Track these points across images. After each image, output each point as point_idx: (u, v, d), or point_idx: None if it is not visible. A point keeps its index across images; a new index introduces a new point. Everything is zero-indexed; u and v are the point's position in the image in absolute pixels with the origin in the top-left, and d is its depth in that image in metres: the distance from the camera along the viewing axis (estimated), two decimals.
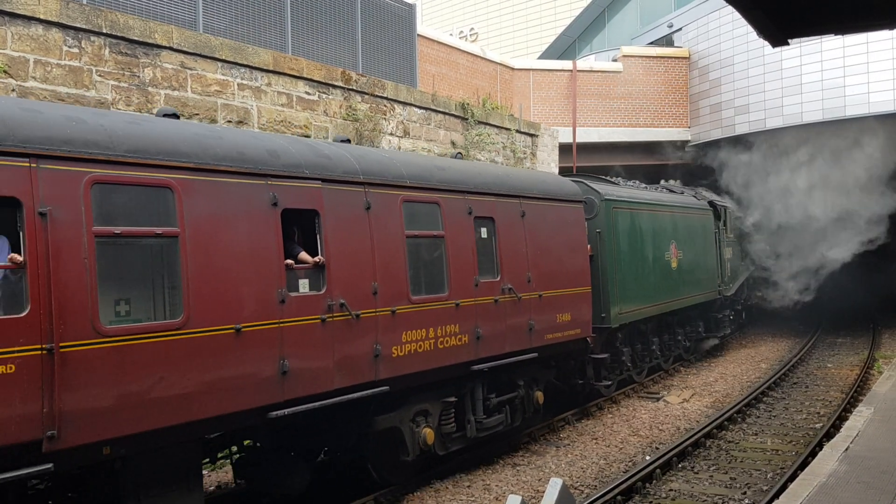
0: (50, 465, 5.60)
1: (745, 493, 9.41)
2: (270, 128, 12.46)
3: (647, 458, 10.87)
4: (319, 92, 13.52)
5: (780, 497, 7.81)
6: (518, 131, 19.77)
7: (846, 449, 9.10)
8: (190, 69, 11.29)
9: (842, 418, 12.35)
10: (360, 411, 8.53)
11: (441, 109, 16.75)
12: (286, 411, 7.26)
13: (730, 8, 9.69)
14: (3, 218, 5.71)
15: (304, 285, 7.60)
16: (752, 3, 6.41)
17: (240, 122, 11.96)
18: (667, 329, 18.03)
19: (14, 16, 9.21)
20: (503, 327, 10.30)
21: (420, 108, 16.09)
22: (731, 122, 24.84)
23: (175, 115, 7.57)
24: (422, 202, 9.21)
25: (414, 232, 8.97)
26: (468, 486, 9.70)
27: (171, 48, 10.97)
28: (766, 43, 7.63)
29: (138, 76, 10.61)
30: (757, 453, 11.23)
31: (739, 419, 13.28)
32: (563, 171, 21.81)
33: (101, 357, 5.88)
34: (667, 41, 28.73)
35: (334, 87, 13.83)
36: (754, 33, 7.32)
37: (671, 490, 9.63)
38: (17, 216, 5.59)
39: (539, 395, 11.49)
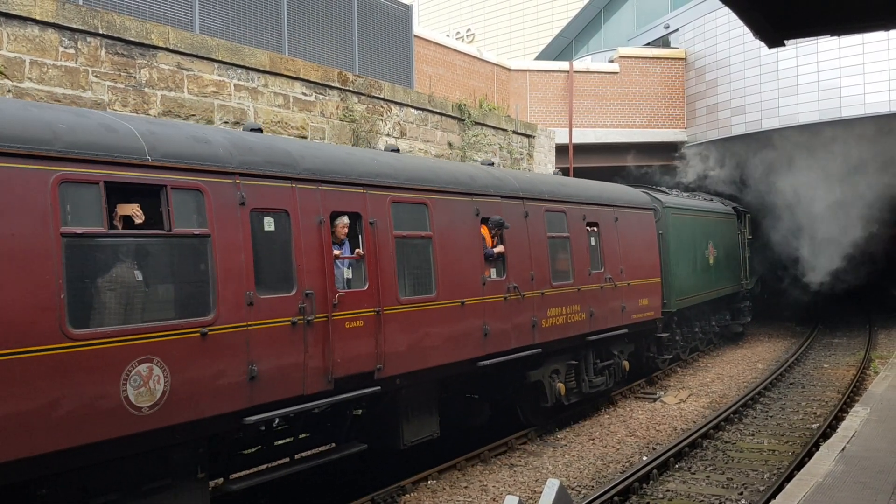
0: (378, 388, 8.33)
1: (741, 493, 9.41)
2: (267, 129, 12.44)
3: (644, 458, 10.86)
4: (316, 93, 13.52)
5: (777, 497, 7.82)
6: (515, 132, 19.77)
7: (843, 449, 9.11)
8: (186, 70, 11.28)
9: (838, 418, 12.36)
10: (519, 367, 11.20)
11: (438, 110, 16.75)
12: (487, 362, 10.13)
13: (726, 9, 9.73)
14: (351, 225, 8.32)
15: (493, 273, 10.50)
16: (749, 3, 6.41)
17: (236, 124, 11.95)
18: (704, 315, 20.95)
19: (10, 16, 9.19)
20: (606, 308, 13.23)
21: (417, 108, 16.09)
22: (728, 122, 24.88)
23: (397, 150, 10.49)
24: (555, 211, 12.07)
25: (552, 234, 11.81)
26: (465, 487, 9.70)
27: (167, 49, 10.95)
28: (763, 44, 7.64)
29: (135, 77, 10.59)
30: (754, 454, 11.24)
31: (736, 419, 13.29)
32: (560, 172, 21.81)
33: (399, 318, 8.66)
34: (663, 42, 28.74)
35: (331, 87, 13.82)
36: (750, 34, 7.33)
37: (668, 490, 9.64)
38: (357, 225, 8.35)
39: (626, 364, 14.37)
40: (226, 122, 11.80)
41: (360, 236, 8.34)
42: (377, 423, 9.38)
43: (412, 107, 15.93)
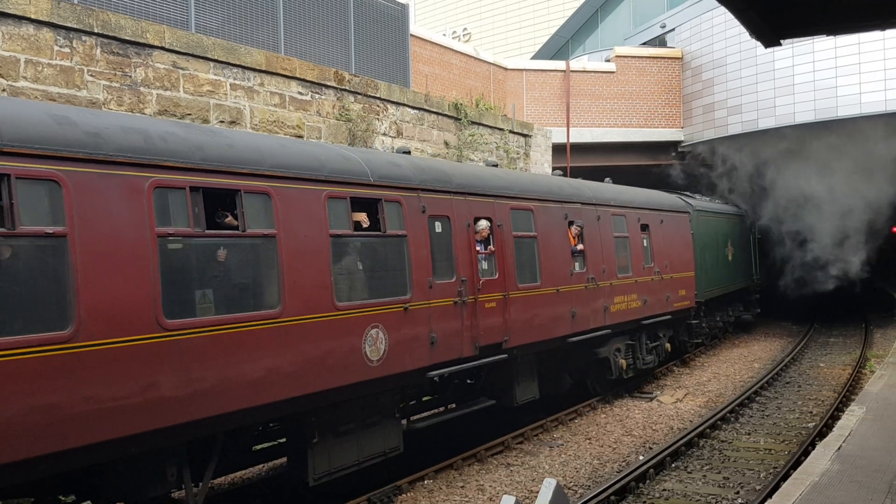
0: (505, 356, 10.56)
1: (738, 492, 9.43)
2: (263, 128, 12.42)
3: (641, 457, 10.88)
4: (312, 92, 13.49)
5: (773, 496, 7.83)
6: (511, 132, 19.75)
7: (839, 448, 9.12)
8: (182, 69, 11.24)
9: (834, 417, 12.38)
10: (592, 344, 13.41)
11: (434, 110, 16.73)
12: (575, 339, 12.46)
13: (722, 8, 9.73)
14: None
15: (577, 266, 12.69)
16: (745, 3, 6.42)
17: (232, 123, 11.91)
18: (723, 306, 23.28)
19: (5, 15, 9.15)
20: (656, 297, 15.66)
21: (413, 108, 16.06)
22: (724, 122, 24.89)
23: (496, 165, 12.97)
24: (618, 215, 14.40)
25: (616, 234, 14.11)
26: (462, 487, 9.69)
27: (162, 48, 10.92)
28: (759, 43, 7.64)
29: (130, 76, 10.56)
30: (750, 453, 11.25)
31: (732, 419, 13.31)
32: (556, 171, 21.79)
33: (518, 301, 10.89)
34: (660, 42, 28.74)
35: (327, 87, 13.79)
36: (747, 34, 7.33)
37: (664, 490, 9.64)
38: (490, 227, 10.43)
39: (668, 346, 16.85)
40: (222, 122, 11.77)
41: (490, 236, 10.42)
42: (495, 386, 11.57)
43: (409, 106, 15.91)
